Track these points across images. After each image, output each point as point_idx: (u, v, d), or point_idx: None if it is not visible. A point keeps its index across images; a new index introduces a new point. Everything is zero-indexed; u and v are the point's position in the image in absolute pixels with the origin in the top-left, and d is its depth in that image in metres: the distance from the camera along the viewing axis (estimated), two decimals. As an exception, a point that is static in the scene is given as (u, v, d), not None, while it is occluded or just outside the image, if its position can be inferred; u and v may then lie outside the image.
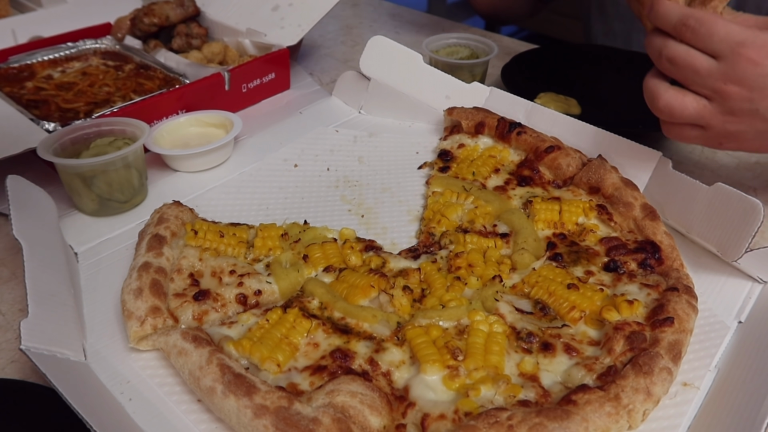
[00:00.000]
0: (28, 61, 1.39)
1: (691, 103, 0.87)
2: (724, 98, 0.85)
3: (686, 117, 0.88)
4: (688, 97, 0.87)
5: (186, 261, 0.88)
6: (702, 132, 0.90)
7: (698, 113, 0.87)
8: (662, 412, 0.72)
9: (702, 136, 0.91)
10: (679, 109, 0.88)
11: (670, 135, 0.94)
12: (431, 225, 1.00)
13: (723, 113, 0.87)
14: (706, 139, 0.91)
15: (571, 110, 1.29)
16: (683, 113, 0.88)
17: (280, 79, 1.43)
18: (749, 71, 0.82)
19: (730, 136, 0.89)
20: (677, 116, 0.88)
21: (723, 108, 0.86)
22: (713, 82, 0.84)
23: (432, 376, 0.73)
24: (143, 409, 0.73)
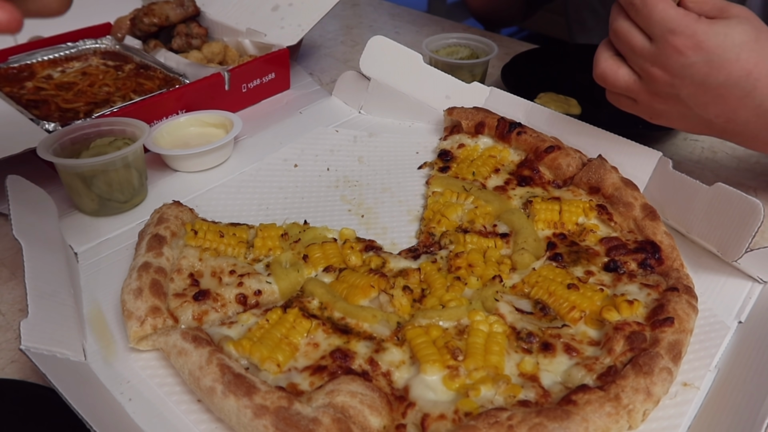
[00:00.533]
0: (28, 61, 1.39)
1: (623, 76, 0.92)
2: (650, 79, 0.89)
3: (618, 88, 0.94)
4: (622, 70, 0.92)
5: (186, 261, 0.88)
6: (634, 104, 0.96)
7: (628, 87, 0.92)
8: (662, 412, 0.72)
9: (634, 107, 0.96)
10: (611, 78, 0.93)
11: (610, 100, 0.99)
12: (431, 225, 1.00)
13: (649, 92, 0.91)
14: (638, 111, 0.97)
15: (571, 110, 1.29)
16: (615, 83, 0.93)
17: (280, 79, 1.43)
18: (673, 59, 0.85)
19: (657, 113, 0.95)
20: (610, 85, 0.94)
21: (649, 88, 0.91)
22: (643, 62, 0.89)
23: (432, 376, 0.73)
24: (143, 409, 0.73)
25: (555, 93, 1.35)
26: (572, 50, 1.65)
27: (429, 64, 1.31)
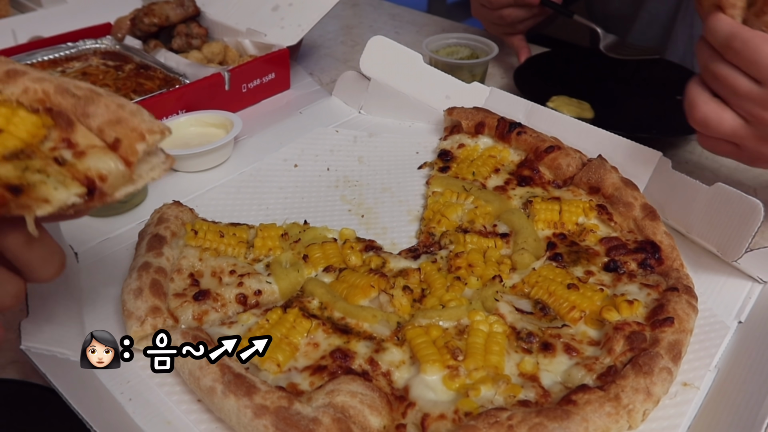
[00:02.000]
0: (28, 61, 1.39)
1: (727, 121, 0.86)
2: (759, 123, 0.84)
3: (721, 133, 0.87)
4: (726, 114, 0.86)
5: (186, 261, 0.88)
6: (736, 149, 0.90)
7: (734, 131, 0.86)
8: (662, 412, 0.72)
9: (735, 152, 0.91)
10: (715, 123, 0.86)
11: (704, 146, 0.94)
12: (431, 225, 1.00)
13: (758, 137, 0.86)
14: (739, 156, 0.91)
15: (584, 114, 1.28)
16: (719, 129, 0.87)
17: (280, 79, 1.43)
18: None
19: (763, 158, 0.89)
20: (712, 130, 0.87)
21: (759, 132, 0.85)
22: (752, 107, 0.83)
23: (432, 376, 0.73)
24: (143, 409, 0.73)
25: (568, 96, 1.33)
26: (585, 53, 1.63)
27: (429, 64, 1.31)
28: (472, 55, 1.50)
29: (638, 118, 1.20)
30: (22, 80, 0.61)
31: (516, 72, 1.42)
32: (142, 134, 0.59)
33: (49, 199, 0.53)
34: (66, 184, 0.55)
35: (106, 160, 0.58)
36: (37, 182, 0.53)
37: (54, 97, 0.60)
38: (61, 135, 0.59)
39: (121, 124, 0.59)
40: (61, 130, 0.59)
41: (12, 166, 0.54)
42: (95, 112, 0.60)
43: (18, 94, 0.60)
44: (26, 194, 0.52)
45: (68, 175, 0.56)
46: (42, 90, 0.60)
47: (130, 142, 0.58)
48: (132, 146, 0.58)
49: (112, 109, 0.60)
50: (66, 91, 0.61)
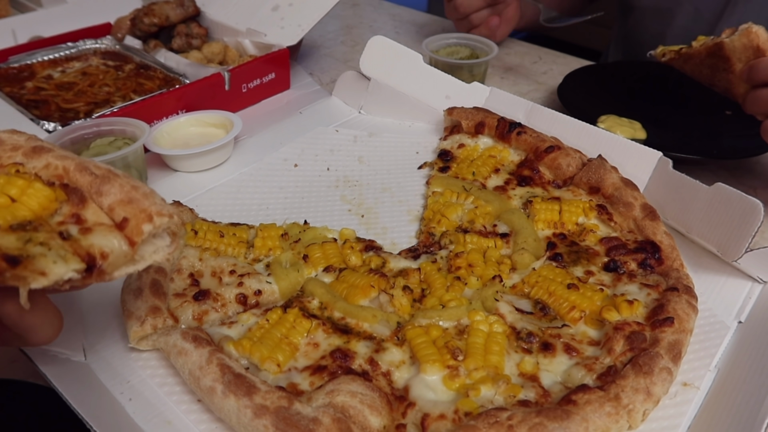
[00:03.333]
0: (28, 61, 1.39)
1: None
2: None
3: None
4: None
5: (186, 261, 0.88)
6: None
7: None
8: (662, 412, 0.72)
9: None
10: None
11: None
12: (431, 225, 1.00)
13: None
14: None
15: (637, 135, 1.23)
16: None
17: (280, 79, 1.43)
18: None
19: None
20: None
21: None
22: None
23: (432, 376, 0.73)
24: (143, 409, 0.73)
25: (617, 116, 1.29)
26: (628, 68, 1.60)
27: (429, 64, 1.31)
28: (471, 55, 1.50)
29: (689, 138, 1.18)
30: (46, 156, 0.64)
31: (559, 89, 1.38)
32: (150, 216, 0.60)
33: (46, 272, 0.54)
34: (66, 259, 0.56)
35: (110, 238, 0.59)
36: (37, 255, 0.54)
37: (72, 174, 0.63)
38: (71, 210, 0.61)
39: (131, 204, 0.61)
40: (72, 206, 0.61)
41: (15, 237, 0.55)
42: (109, 191, 0.62)
43: (40, 168, 0.63)
44: (23, 266, 0.52)
45: (70, 250, 0.57)
46: (63, 167, 0.63)
47: (138, 222, 0.60)
48: (138, 227, 0.60)
49: (126, 190, 0.62)
50: (85, 169, 0.63)
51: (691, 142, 1.20)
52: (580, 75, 1.46)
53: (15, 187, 0.60)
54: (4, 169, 0.63)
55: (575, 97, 1.35)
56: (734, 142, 1.19)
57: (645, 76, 1.49)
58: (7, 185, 0.60)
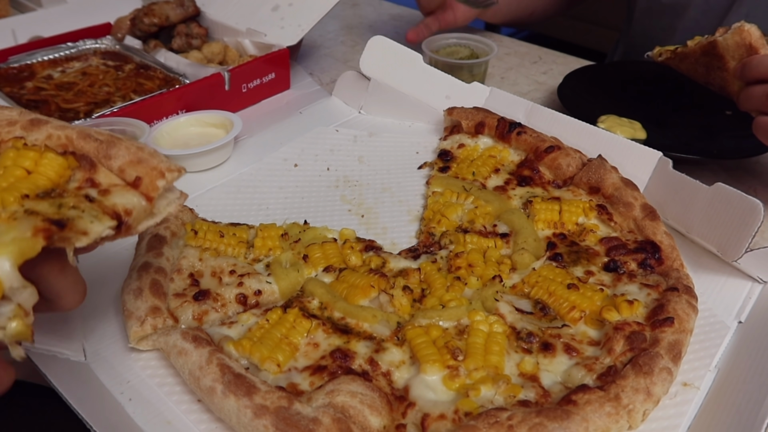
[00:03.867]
0: (28, 61, 1.39)
1: None
2: None
3: None
4: None
5: (186, 261, 0.88)
6: None
7: None
8: (662, 412, 0.72)
9: None
10: None
11: None
12: (431, 225, 1.00)
13: None
14: None
15: (637, 134, 1.23)
16: None
17: (280, 79, 1.43)
18: None
19: None
20: None
21: None
22: None
23: (432, 376, 0.73)
24: (143, 409, 0.73)
25: (617, 116, 1.28)
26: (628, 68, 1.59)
27: (429, 64, 1.31)
28: (471, 55, 1.50)
29: (689, 137, 1.17)
30: (46, 128, 0.67)
31: (560, 88, 1.38)
32: (161, 172, 0.64)
33: (87, 231, 0.58)
34: (100, 218, 0.60)
35: (129, 197, 0.64)
36: (75, 217, 0.58)
37: (77, 142, 0.66)
38: (84, 175, 0.64)
39: (141, 164, 0.65)
40: (84, 171, 0.65)
41: (48, 204, 0.59)
42: (117, 154, 0.65)
43: (42, 140, 0.66)
44: (68, 228, 0.57)
45: (99, 210, 0.61)
46: (65, 135, 0.66)
47: (151, 179, 0.64)
48: (153, 183, 0.64)
49: (133, 151, 0.66)
50: (88, 136, 0.66)
51: (691, 142, 1.20)
52: (580, 75, 1.46)
53: (27, 159, 0.62)
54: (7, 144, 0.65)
55: (575, 97, 1.35)
56: (734, 142, 1.19)
57: (645, 76, 1.49)
58: (20, 158, 0.63)
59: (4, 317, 0.55)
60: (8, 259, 0.53)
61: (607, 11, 3.69)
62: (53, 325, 0.77)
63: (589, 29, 3.85)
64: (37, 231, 0.54)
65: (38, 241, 0.54)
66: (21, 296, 0.55)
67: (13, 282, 0.53)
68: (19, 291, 0.54)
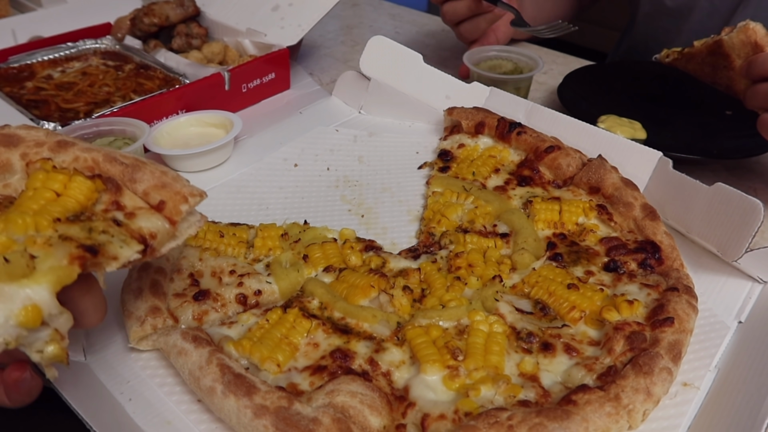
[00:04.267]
0: (28, 61, 1.39)
1: None
2: None
3: None
4: None
5: (186, 261, 0.88)
6: None
7: None
8: (662, 412, 0.72)
9: None
10: None
11: None
12: (431, 225, 1.00)
13: None
14: None
15: (637, 135, 1.23)
16: None
17: (280, 79, 1.43)
18: None
19: None
20: None
21: None
22: None
23: (432, 376, 0.73)
24: (143, 409, 0.73)
25: (617, 116, 1.27)
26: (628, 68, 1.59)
27: (472, 79, 1.28)
28: (515, 69, 1.43)
29: (689, 137, 1.16)
30: (72, 150, 0.68)
31: (560, 88, 1.38)
32: (185, 197, 0.67)
33: (117, 256, 0.60)
34: (128, 243, 0.62)
35: (154, 220, 0.66)
36: (105, 242, 0.60)
37: (103, 165, 0.68)
38: (111, 198, 0.66)
39: (166, 188, 0.67)
40: (110, 194, 0.66)
41: (79, 228, 0.61)
42: (142, 178, 0.68)
43: (69, 161, 0.68)
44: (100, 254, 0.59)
45: (127, 234, 0.63)
46: (92, 158, 0.68)
47: (175, 204, 0.67)
48: (177, 207, 0.67)
49: (157, 176, 0.68)
50: (114, 159, 0.68)
51: (691, 142, 1.20)
52: (580, 75, 1.45)
53: (57, 182, 0.64)
54: (35, 165, 0.67)
55: (575, 97, 1.35)
56: (734, 142, 1.19)
57: (645, 76, 1.49)
58: (49, 180, 0.64)
59: (41, 341, 0.56)
60: (47, 288, 0.55)
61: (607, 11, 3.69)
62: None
63: (589, 29, 3.84)
64: (72, 259, 0.56)
65: (74, 269, 0.56)
66: (58, 322, 0.57)
67: (51, 309, 0.55)
68: (56, 317, 0.56)
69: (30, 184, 0.64)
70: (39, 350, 0.57)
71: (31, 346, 0.57)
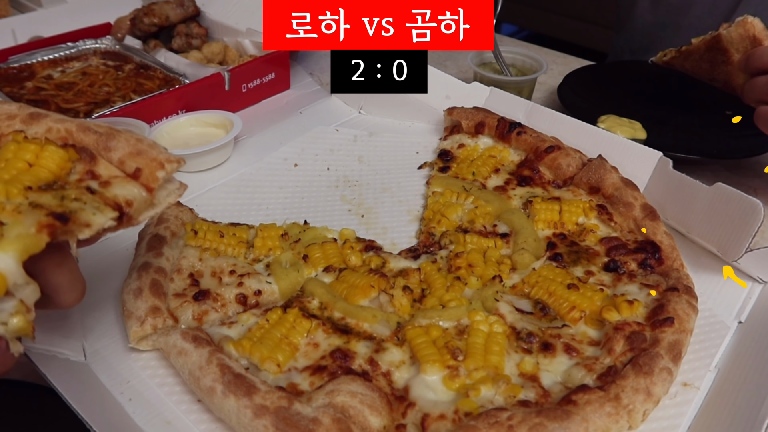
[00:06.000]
0: (28, 61, 1.39)
1: None
2: None
3: None
4: None
5: (186, 261, 0.88)
6: None
7: None
8: (662, 412, 0.72)
9: None
10: None
11: None
12: (431, 225, 1.00)
13: None
14: None
15: (637, 134, 1.23)
16: None
17: (280, 79, 1.43)
18: None
19: None
20: None
21: None
22: None
23: (432, 376, 0.73)
24: (143, 409, 0.73)
25: (617, 116, 1.27)
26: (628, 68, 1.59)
27: (474, 80, 1.28)
28: (518, 72, 1.43)
29: (689, 137, 1.16)
30: (45, 121, 0.67)
31: (560, 88, 1.37)
32: (161, 163, 0.65)
33: (90, 223, 0.59)
34: (102, 210, 0.61)
35: (129, 188, 0.65)
36: (77, 209, 0.59)
37: (76, 135, 0.67)
38: (85, 167, 0.65)
39: (141, 155, 0.66)
40: (85, 163, 0.65)
41: (51, 196, 0.59)
42: (116, 146, 0.66)
43: (42, 133, 0.67)
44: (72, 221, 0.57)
45: (101, 201, 0.62)
46: (65, 128, 0.67)
47: (151, 170, 0.65)
48: (153, 174, 0.65)
49: (132, 143, 0.67)
50: (88, 128, 0.67)
51: (691, 142, 1.20)
52: (580, 75, 1.45)
53: (29, 152, 0.63)
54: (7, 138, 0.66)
55: (575, 97, 1.35)
56: (734, 142, 1.19)
57: (645, 76, 1.49)
58: (21, 151, 0.63)
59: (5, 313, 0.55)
60: (13, 256, 0.53)
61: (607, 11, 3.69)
62: (53, 325, 0.77)
63: (589, 29, 3.85)
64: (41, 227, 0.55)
65: (43, 238, 0.55)
66: (23, 292, 0.55)
67: (17, 278, 0.53)
68: (22, 287, 0.55)
69: (1, 155, 0.63)
70: (3, 322, 0.55)
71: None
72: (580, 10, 3.92)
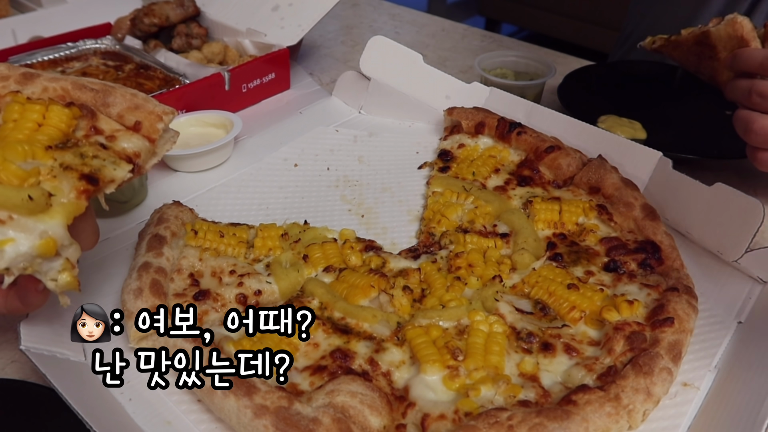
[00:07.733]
0: (28, 61, 1.39)
1: None
2: None
3: None
4: None
5: (186, 261, 0.88)
6: None
7: None
8: (662, 412, 0.72)
9: None
10: None
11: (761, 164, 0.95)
12: (431, 225, 1.00)
13: None
14: None
15: (637, 134, 1.23)
16: None
17: (280, 79, 1.43)
18: None
19: None
20: None
21: None
22: None
23: (432, 376, 0.73)
24: (143, 409, 0.73)
25: (617, 116, 1.27)
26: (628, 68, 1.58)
27: (480, 83, 1.28)
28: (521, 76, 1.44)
29: (689, 138, 1.16)
30: (39, 81, 0.69)
31: (560, 88, 1.37)
32: (159, 116, 0.70)
33: (114, 179, 0.64)
34: (119, 164, 0.65)
35: (135, 140, 0.69)
36: (100, 167, 0.63)
37: (73, 93, 0.69)
38: (88, 124, 0.68)
39: (139, 109, 0.70)
40: (87, 120, 0.68)
41: (71, 154, 0.63)
42: (114, 102, 0.70)
43: (38, 93, 0.68)
44: (101, 181, 0.63)
45: (116, 156, 0.66)
46: (61, 87, 0.69)
47: (151, 123, 0.70)
48: (153, 126, 0.70)
49: (128, 98, 0.70)
50: (83, 86, 0.70)
51: (691, 142, 1.20)
52: (580, 75, 1.45)
53: (35, 112, 0.66)
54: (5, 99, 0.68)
55: (575, 97, 1.35)
56: (734, 142, 1.19)
57: (645, 76, 1.49)
58: (27, 111, 0.65)
59: (54, 271, 0.62)
60: (60, 222, 0.59)
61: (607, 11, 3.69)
62: (53, 325, 0.77)
63: (589, 29, 3.85)
64: (79, 193, 0.61)
65: (82, 203, 0.62)
66: (68, 251, 0.62)
67: (64, 240, 0.60)
68: (67, 247, 0.61)
69: (7, 116, 0.65)
70: (53, 279, 0.62)
71: (45, 275, 0.62)
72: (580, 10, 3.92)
